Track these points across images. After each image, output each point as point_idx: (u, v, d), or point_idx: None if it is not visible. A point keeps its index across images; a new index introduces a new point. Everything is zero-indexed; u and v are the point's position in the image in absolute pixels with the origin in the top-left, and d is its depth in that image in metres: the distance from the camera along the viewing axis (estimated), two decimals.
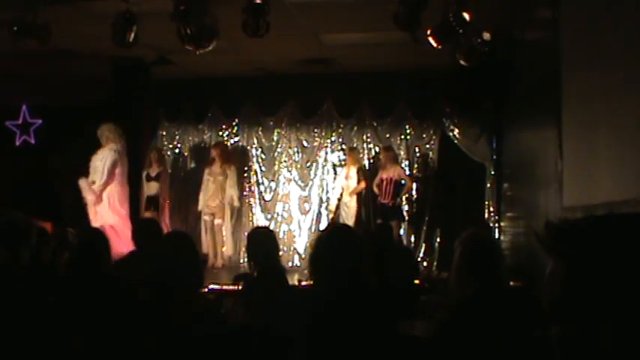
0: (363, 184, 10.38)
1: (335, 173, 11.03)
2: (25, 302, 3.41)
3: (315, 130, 11.20)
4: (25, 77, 10.09)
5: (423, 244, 10.59)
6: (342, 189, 10.57)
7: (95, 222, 9.08)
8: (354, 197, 10.39)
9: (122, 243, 7.54)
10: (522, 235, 8.60)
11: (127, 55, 8.06)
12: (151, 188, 10.39)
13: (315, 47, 9.14)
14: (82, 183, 9.32)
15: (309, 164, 11.24)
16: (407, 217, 10.57)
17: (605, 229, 1.22)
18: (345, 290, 3.02)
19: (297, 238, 11.14)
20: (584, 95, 6.19)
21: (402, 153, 10.77)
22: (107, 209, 9.27)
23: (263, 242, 4.86)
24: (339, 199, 10.61)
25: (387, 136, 10.93)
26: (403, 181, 10.17)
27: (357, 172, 10.43)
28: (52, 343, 3.32)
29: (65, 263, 4.19)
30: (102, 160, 9.23)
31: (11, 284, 3.47)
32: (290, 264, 10.75)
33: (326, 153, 11.20)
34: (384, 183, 10.09)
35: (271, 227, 10.42)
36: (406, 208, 10.60)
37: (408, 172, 10.60)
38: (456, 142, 10.60)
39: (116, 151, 9.26)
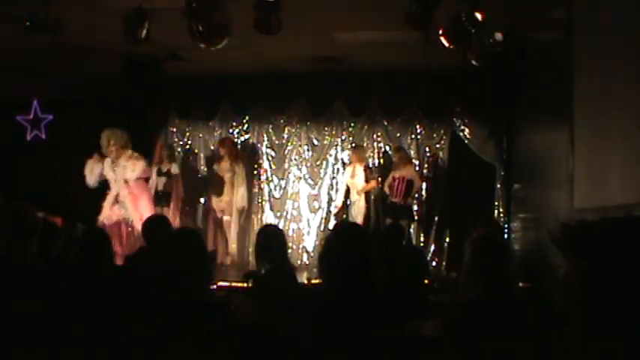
0: (373, 183, 10.34)
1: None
2: (30, 293, 3.42)
3: (326, 129, 11.17)
4: (36, 72, 10.10)
5: (433, 244, 10.56)
6: (348, 187, 10.56)
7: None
8: (363, 196, 10.36)
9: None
10: (532, 236, 8.56)
11: (139, 51, 8.06)
12: (161, 184, 10.42)
13: (327, 45, 9.12)
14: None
15: (319, 162, 11.22)
16: (416, 217, 10.54)
17: (622, 231, 1.21)
18: (353, 289, 3.01)
19: (306, 237, 11.12)
20: (597, 95, 6.16)
21: (412, 152, 10.75)
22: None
23: (272, 240, 4.87)
24: (348, 198, 10.60)
25: (398, 135, 10.91)
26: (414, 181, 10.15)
27: (365, 171, 10.40)
28: (56, 337, 3.32)
29: (73, 257, 4.19)
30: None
31: (15, 275, 3.47)
32: (299, 262, 10.75)
33: (336, 151, 11.18)
34: (397, 182, 10.08)
35: (280, 225, 10.41)
36: (416, 207, 10.57)
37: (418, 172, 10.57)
38: (466, 142, 10.56)
39: None
